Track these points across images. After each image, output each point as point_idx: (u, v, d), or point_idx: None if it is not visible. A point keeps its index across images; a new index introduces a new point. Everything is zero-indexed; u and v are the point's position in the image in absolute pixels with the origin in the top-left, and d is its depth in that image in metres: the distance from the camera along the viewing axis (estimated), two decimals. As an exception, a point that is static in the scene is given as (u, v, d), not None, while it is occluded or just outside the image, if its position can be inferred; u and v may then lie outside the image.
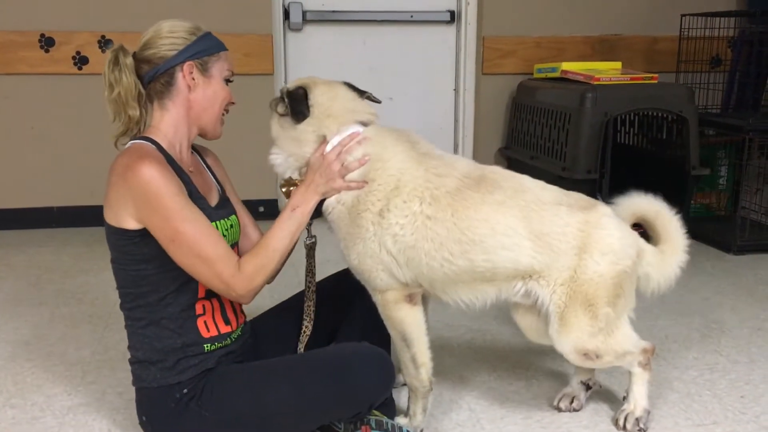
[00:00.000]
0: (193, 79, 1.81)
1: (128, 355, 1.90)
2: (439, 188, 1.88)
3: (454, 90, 4.66)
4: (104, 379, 2.35)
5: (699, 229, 3.65)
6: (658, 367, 2.42)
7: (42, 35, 4.01)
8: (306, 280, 2.04)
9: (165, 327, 1.82)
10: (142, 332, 1.85)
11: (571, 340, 1.93)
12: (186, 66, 1.80)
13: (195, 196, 1.81)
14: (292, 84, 1.98)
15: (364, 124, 1.94)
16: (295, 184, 1.94)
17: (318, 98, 1.93)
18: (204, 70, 1.83)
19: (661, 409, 2.18)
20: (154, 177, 1.69)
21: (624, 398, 2.13)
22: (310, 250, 2.04)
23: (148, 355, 1.84)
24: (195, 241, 1.72)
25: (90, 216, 4.22)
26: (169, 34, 1.80)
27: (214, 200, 1.95)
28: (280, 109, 1.95)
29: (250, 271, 1.78)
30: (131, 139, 1.84)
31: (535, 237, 1.87)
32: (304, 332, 2.00)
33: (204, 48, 1.82)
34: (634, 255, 1.96)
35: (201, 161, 2.02)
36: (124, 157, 1.76)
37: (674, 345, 2.65)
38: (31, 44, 4.01)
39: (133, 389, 1.92)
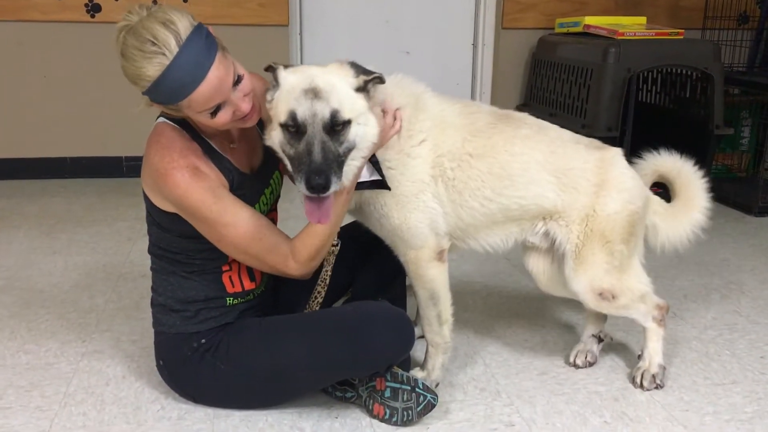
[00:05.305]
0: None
1: (142, 305, 1.89)
2: (475, 123, 1.87)
3: (473, 44, 4.55)
4: (118, 327, 2.35)
5: (719, 190, 3.53)
6: (677, 327, 2.39)
7: (54, -19, 3.94)
8: (315, 290, 1.93)
9: (190, 279, 1.81)
10: (166, 279, 1.84)
11: (588, 277, 1.94)
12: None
13: (236, 186, 1.74)
14: (322, 74, 1.65)
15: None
16: None
17: None
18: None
19: (679, 367, 2.16)
20: (188, 188, 1.62)
21: (639, 356, 2.11)
22: (330, 255, 1.89)
23: (170, 302, 1.83)
24: (240, 243, 1.70)
25: (103, 167, 4.22)
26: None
27: (257, 162, 1.86)
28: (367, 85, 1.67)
29: (305, 258, 1.74)
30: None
31: (560, 174, 1.89)
32: None
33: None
34: (644, 196, 1.99)
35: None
36: (156, 151, 1.64)
37: (693, 305, 2.61)
38: (44, -10, 3.93)
39: (147, 337, 1.92)
